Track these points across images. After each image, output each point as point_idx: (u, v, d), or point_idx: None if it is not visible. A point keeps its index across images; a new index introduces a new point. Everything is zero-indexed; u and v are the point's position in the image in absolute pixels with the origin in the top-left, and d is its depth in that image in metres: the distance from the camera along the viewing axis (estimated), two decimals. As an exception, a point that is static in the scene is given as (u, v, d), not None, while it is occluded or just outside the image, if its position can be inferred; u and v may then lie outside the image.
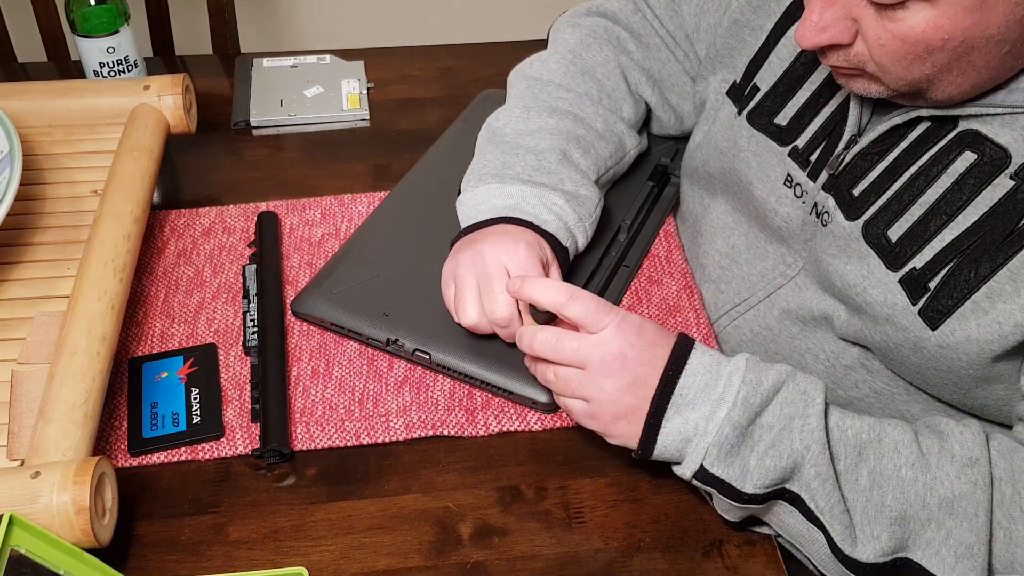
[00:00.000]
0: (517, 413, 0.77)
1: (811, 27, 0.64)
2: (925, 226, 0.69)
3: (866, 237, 0.73)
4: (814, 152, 0.77)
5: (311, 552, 0.69)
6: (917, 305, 0.69)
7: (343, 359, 0.81)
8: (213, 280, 0.87)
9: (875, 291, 0.72)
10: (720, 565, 0.69)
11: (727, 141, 0.84)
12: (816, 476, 0.64)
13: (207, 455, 0.74)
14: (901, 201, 0.71)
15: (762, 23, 0.83)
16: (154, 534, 0.70)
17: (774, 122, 0.80)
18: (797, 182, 0.78)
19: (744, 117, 0.82)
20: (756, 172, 0.81)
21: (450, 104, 1.06)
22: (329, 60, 1.14)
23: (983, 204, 0.67)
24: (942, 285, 0.68)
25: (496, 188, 0.80)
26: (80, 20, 0.99)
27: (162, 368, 0.79)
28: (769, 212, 0.81)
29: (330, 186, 0.97)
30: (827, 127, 0.77)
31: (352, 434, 0.76)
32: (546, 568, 0.68)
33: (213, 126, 1.04)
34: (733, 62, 0.85)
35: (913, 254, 0.70)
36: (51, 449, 0.65)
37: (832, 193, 0.75)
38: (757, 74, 0.82)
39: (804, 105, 0.78)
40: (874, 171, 0.73)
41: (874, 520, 0.64)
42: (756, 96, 0.82)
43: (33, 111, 0.92)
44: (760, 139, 0.81)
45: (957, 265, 0.68)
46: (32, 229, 0.83)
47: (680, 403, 0.66)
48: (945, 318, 0.68)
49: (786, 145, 0.79)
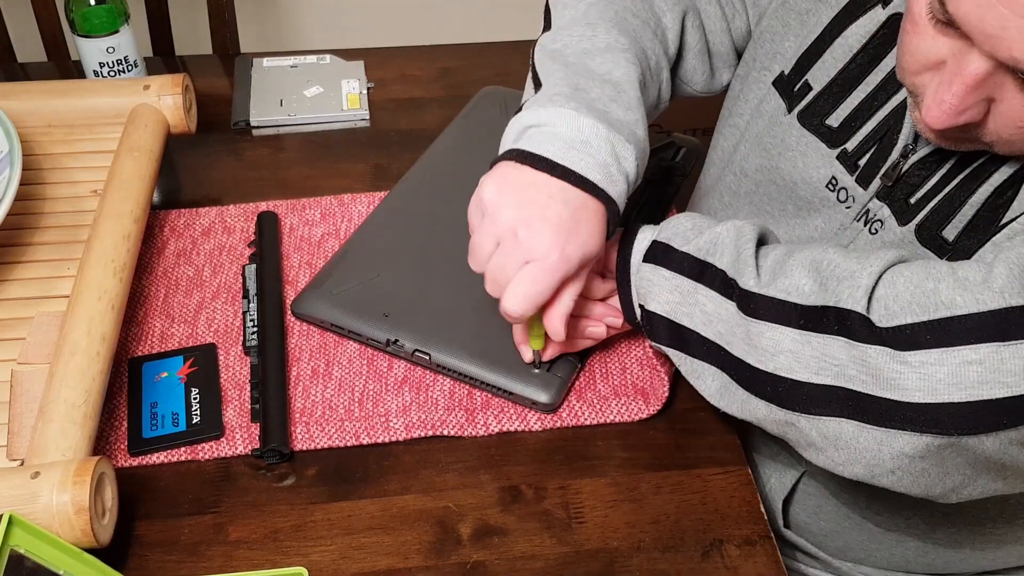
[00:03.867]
0: (517, 413, 0.77)
1: (949, 111, 0.60)
2: (982, 221, 0.68)
3: (920, 239, 0.71)
4: (863, 156, 0.75)
5: (311, 552, 0.69)
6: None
7: (343, 359, 0.81)
8: (213, 280, 0.87)
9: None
10: (720, 565, 0.69)
11: (773, 138, 0.81)
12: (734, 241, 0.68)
13: (207, 455, 0.74)
14: (952, 202, 0.69)
15: (809, 8, 0.79)
16: (154, 534, 0.70)
17: (826, 123, 0.77)
18: (843, 186, 0.76)
19: (795, 116, 0.79)
20: (801, 172, 0.79)
21: (450, 104, 1.06)
22: (329, 60, 1.14)
23: None
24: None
25: (570, 115, 0.68)
26: (80, 20, 0.99)
27: (162, 368, 0.79)
28: (810, 213, 0.79)
29: (330, 186, 0.97)
30: (879, 131, 0.74)
31: (352, 434, 0.76)
32: (546, 568, 0.68)
33: (213, 126, 1.04)
34: (775, 47, 0.82)
35: (975, 250, 0.68)
36: (51, 449, 0.65)
37: (887, 202, 0.73)
38: (809, 71, 0.78)
39: (857, 107, 0.75)
40: (931, 179, 0.71)
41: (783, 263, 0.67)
42: (808, 95, 0.78)
43: (33, 111, 0.92)
44: (810, 139, 0.78)
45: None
46: (32, 229, 0.83)
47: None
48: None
49: (836, 147, 0.77)
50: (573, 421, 0.77)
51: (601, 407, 0.78)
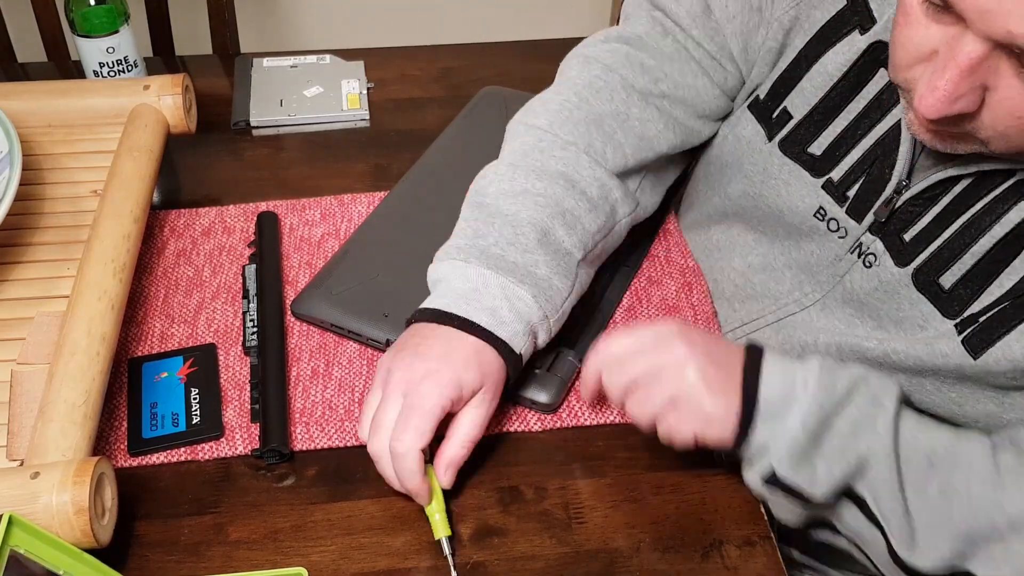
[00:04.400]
0: (517, 414, 0.77)
1: (943, 97, 0.58)
2: (980, 273, 0.68)
3: (916, 284, 0.71)
4: (852, 187, 0.74)
5: (311, 552, 0.69)
6: (961, 336, 0.68)
7: (343, 359, 0.81)
8: (213, 280, 0.87)
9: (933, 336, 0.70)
10: (720, 566, 0.69)
11: (754, 167, 0.80)
12: (879, 479, 0.64)
13: (207, 455, 0.74)
14: (952, 249, 0.69)
15: (779, 18, 0.78)
16: (154, 534, 0.70)
17: (808, 151, 0.76)
18: (832, 216, 0.75)
19: (776, 144, 0.79)
20: (786, 200, 0.78)
21: (450, 104, 1.06)
22: (329, 60, 1.14)
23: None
24: (990, 320, 0.67)
25: (460, 267, 0.72)
26: (80, 20, 0.99)
27: (162, 368, 0.79)
28: (801, 238, 0.78)
29: (330, 186, 0.97)
30: (865, 161, 0.73)
31: (352, 434, 0.76)
32: (546, 568, 0.68)
33: (213, 126, 1.04)
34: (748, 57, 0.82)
35: (969, 301, 0.68)
36: (51, 449, 0.65)
37: (880, 236, 0.73)
38: (787, 98, 0.78)
39: (840, 135, 0.75)
40: (926, 217, 0.70)
41: (937, 532, 0.64)
42: (789, 123, 0.78)
43: (33, 111, 0.92)
44: (792, 168, 0.77)
45: (1011, 304, 0.66)
46: (32, 229, 0.83)
47: (765, 415, 0.65)
48: (989, 346, 0.67)
49: (820, 176, 0.76)
50: (573, 421, 0.77)
51: (601, 407, 0.78)
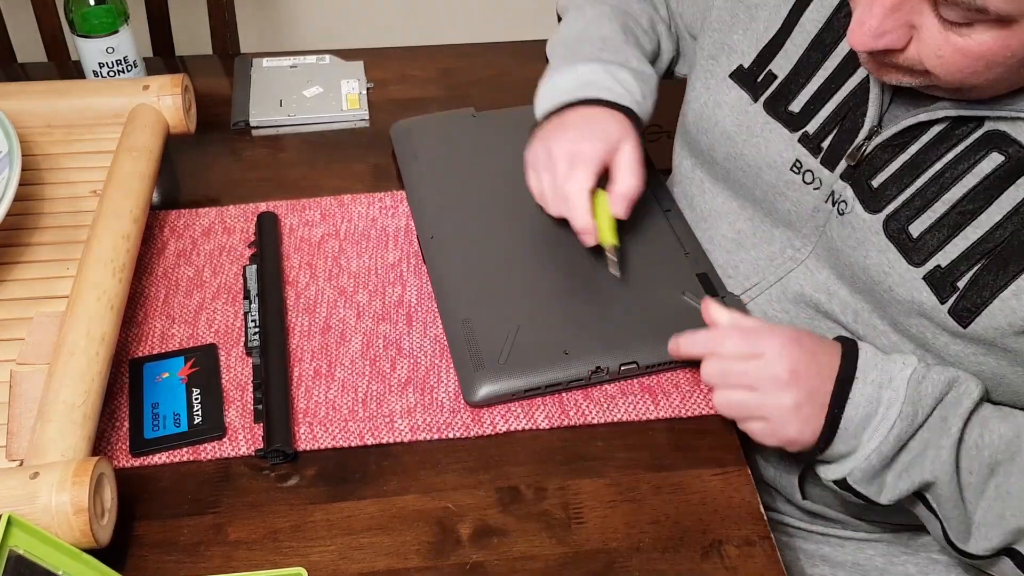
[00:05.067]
0: (524, 411, 0.77)
1: (868, 32, 0.62)
2: (948, 223, 0.70)
3: (887, 231, 0.73)
4: (825, 139, 0.77)
5: (310, 552, 0.69)
6: (946, 305, 0.70)
7: (345, 360, 0.81)
8: (213, 281, 0.87)
9: (900, 289, 0.72)
10: (719, 565, 0.69)
11: (737, 126, 0.83)
12: (942, 495, 0.70)
13: (209, 455, 0.74)
14: (924, 197, 0.71)
15: (758, 2, 0.82)
16: (153, 534, 0.70)
17: (788, 109, 0.80)
18: (807, 168, 0.78)
19: (761, 104, 0.81)
20: (764, 157, 0.81)
21: (450, 104, 1.06)
22: (328, 60, 1.14)
23: (1007, 202, 0.67)
24: (970, 284, 0.69)
25: (567, 71, 0.85)
26: (79, 20, 0.99)
27: (163, 369, 0.79)
28: (777, 196, 0.81)
29: (330, 186, 0.97)
30: (839, 113, 0.76)
31: (356, 435, 0.76)
32: (545, 568, 0.68)
33: (212, 126, 1.04)
34: (723, 38, 0.85)
35: (935, 251, 0.70)
36: (50, 449, 0.65)
37: (851, 183, 0.75)
38: (772, 61, 0.81)
39: (817, 91, 0.78)
40: (894, 163, 0.73)
41: (991, 527, 0.70)
42: (774, 83, 0.81)
43: (32, 111, 0.92)
44: (774, 125, 0.80)
45: (984, 265, 0.68)
46: (31, 229, 0.83)
47: (844, 435, 0.71)
48: (975, 316, 0.69)
49: (796, 131, 0.79)
50: (580, 420, 0.77)
51: (609, 406, 0.78)
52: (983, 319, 0.69)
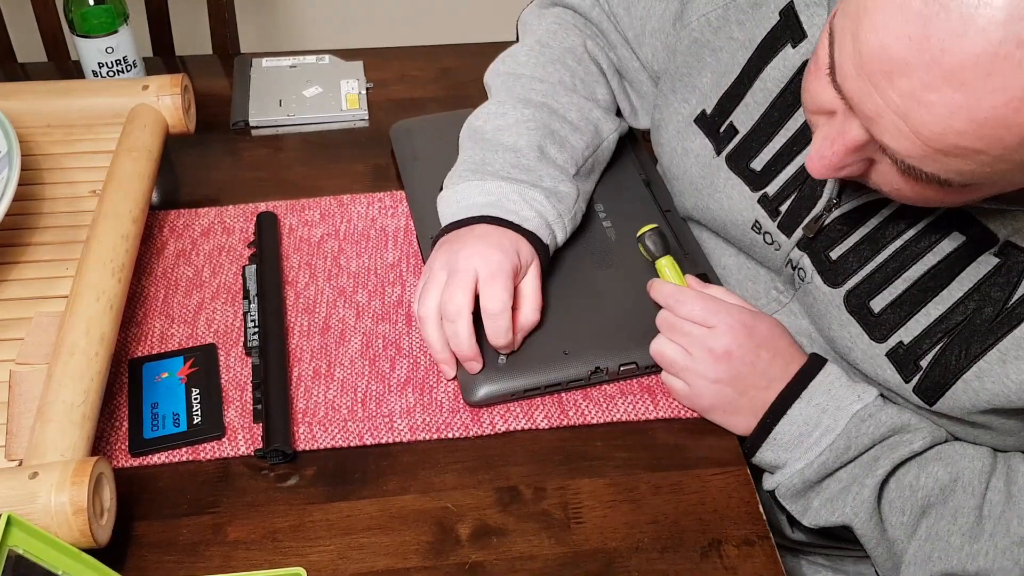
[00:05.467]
0: (524, 411, 0.77)
1: (827, 166, 0.62)
2: (909, 299, 0.70)
3: (847, 306, 0.73)
4: (784, 202, 0.77)
5: (309, 552, 0.69)
6: (911, 383, 0.71)
7: (345, 360, 0.81)
8: (212, 281, 0.87)
9: (865, 364, 0.73)
10: (719, 565, 0.69)
11: (703, 179, 0.83)
12: (863, 535, 0.72)
13: (208, 455, 0.74)
14: (885, 273, 0.71)
15: (722, 45, 0.81)
16: (152, 534, 0.70)
17: (750, 166, 0.79)
18: (766, 230, 0.78)
19: (723, 159, 0.81)
20: (728, 213, 0.81)
21: (450, 104, 1.06)
22: (328, 60, 1.14)
23: (968, 280, 0.67)
24: (933, 363, 0.69)
25: (477, 185, 0.81)
26: (79, 20, 0.99)
27: (162, 368, 0.79)
28: (747, 249, 0.82)
29: (329, 186, 0.97)
30: (798, 177, 0.76)
31: (355, 435, 0.76)
32: (544, 568, 0.68)
33: (212, 126, 1.04)
34: (692, 81, 0.83)
35: (897, 326, 0.70)
36: (49, 449, 0.65)
37: (807, 253, 0.75)
38: (733, 113, 0.80)
39: (778, 152, 0.77)
40: (853, 236, 0.73)
41: (919, 567, 0.71)
42: (736, 138, 0.80)
43: (32, 111, 0.92)
44: (735, 182, 0.80)
45: (947, 344, 0.68)
46: (31, 229, 0.83)
47: (773, 445, 0.74)
48: (939, 396, 0.70)
49: (757, 191, 0.79)
50: (580, 420, 0.77)
51: (608, 406, 0.78)
52: (947, 399, 0.69)
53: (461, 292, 0.74)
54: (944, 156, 0.54)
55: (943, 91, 0.51)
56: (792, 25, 0.76)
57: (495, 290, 0.74)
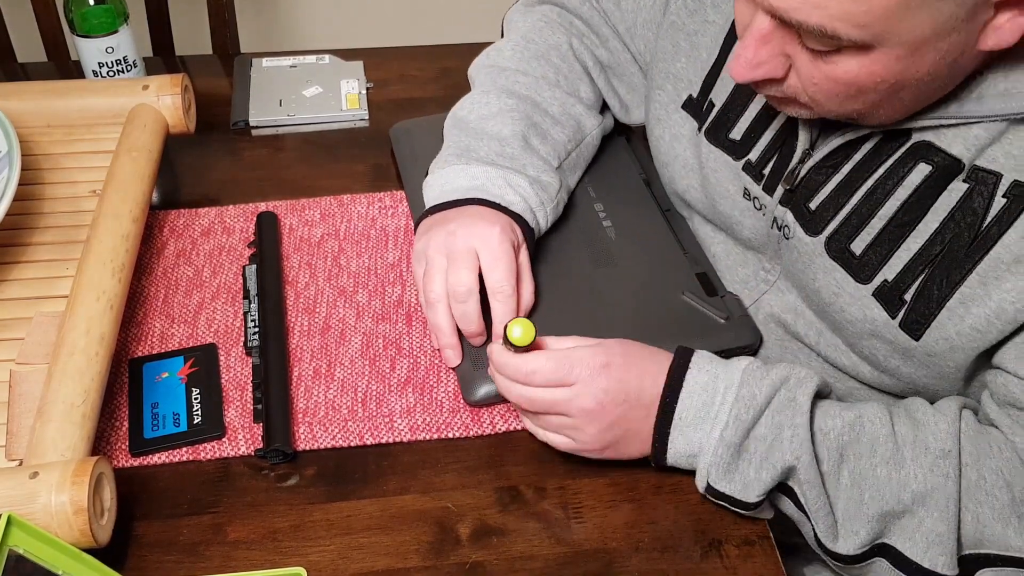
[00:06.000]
0: (515, 412, 0.77)
1: (744, 63, 0.65)
2: (887, 238, 0.70)
3: (829, 252, 0.73)
4: (766, 165, 0.78)
5: (310, 552, 0.69)
6: (897, 318, 0.70)
7: (345, 360, 0.81)
8: (213, 280, 0.87)
9: (852, 308, 0.73)
10: (719, 565, 0.69)
11: (694, 158, 0.84)
12: (806, 480, 0.68)
13: (208, 455, 0.74)
14: (860, 215, 0.71)
15: (697, 29, 0.83)
16: (153, 534, 0.70)
17: (729, 137, 0.81)
18: (755, 195, 0.79)
19: (703, 134, 0.83)
20: (716, 187, 0.82)
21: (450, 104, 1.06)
22: (328, 60, 1.14)
23: (941, 210, 0.68)
24: (917, 295, 0.69)
25: (462, 169, 0.82)
26: (79, 20, 0.99)
27: (162, 368, 0.79)
28: (736, 225, 0.82)
29: (329, 186, 0.97)
30: (777, 140, 0.77)
31: (356, 435, 0.76)
32: (545, 568, 0.68)
33: (212, 126, 1.04)
34: (667, 67, 0.85)
35: (880, 265, 0.71)
36: (49, 449, 0.65)
37: (790, 207, 0.76)
38: (712, 90, 0.82)
39: (755, 119, 0.79)
40: (829, 184, 0.73)
41: (853, 518, 0.68)
42: (713, 112, 0.82)
43: (32, 111, 0.92)
44: (718, 154, 0.81)
45: (929, 275, 0.69)
46: (31, 229, 0.83)
47: (681, 425, 0.70)
48: (925, 327, 0.69)
49: (740, 159, 0.80)
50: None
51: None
52: (933, 331, 0.69)
53: (467, 272, 0.75)
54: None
55: None
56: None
57: (501, 272, 0.76)
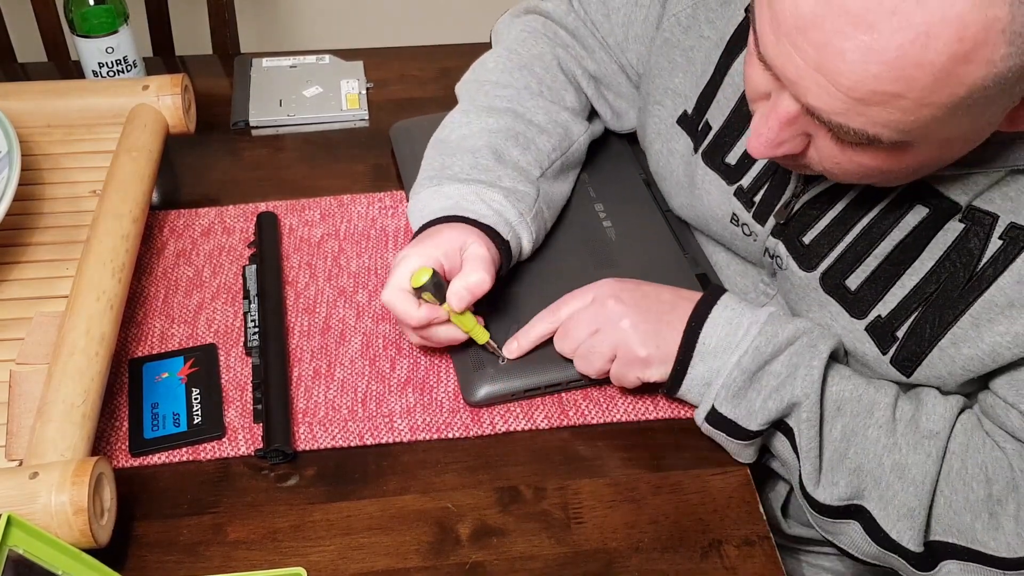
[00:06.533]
0: (524, 411, 0.77)
1: (766, 143, 0.63)
2: (882, 275, 0.71)
3: (824, 287, 0.74)
4: (758, 192, 0.77)
5: (310, 552, 0.69)
6: (888, 355, 0.71)
7: (345, 360, 0.81)
8: (213, 281, 0.87)
9: (845, 340, 0.73)
10: (719, 565, 0.69)
11: (687, 177, 0.84)
12: (807, 420, 0.69)
13: (209, 455, 0.74)
14: (855, 252, 0.72)
15: (692, 44, 0.82)
16: (153, 534, 0.70)
17: (725, 160, 0.80)
18: (744, 222, 0.79)
19: (700, 156, 0.82)
20: (708, 208, 0.82)
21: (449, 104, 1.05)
22: (328, 60, 1.14)
23: (937, 248, 0.68)
24: (909, 334, 0.70)
25: (435, 191, 0.81)
26: (79, 20, 0.99)
27: (162, 368, 0.79)
28: (729, 244, 0.83)
29: (329, 186, 0.97)
30: (770, 168, 0.77)
31: (356, 435, 0.76)
32: (545, 568, 0.68)
33: (212, 126, 1.04)
34: (665, 83, 0.84)
35: (874, 302, 0.71)
36: (49, 449, 0.65)
37: (782, 239, 0.76)
38: (708, 111, 0.81)
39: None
40: (823, 220, 0.73)
41: (835, 469, 0.70)
42: (709, 134, 0.81)
43: (32, 111, 0.92)
44: (712, 177, 0.81)
45: (922, 314, 0.69)
46: (31, 229, 0.83)
47: (703, 351, 0.72)
48: (916, 366, 0.70)
49: (732, 184, 0.79)
50: (580, 420, 0.77)
51: (608, 406, 0.78)
52: (924, 369, 0.70)
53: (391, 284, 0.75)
54: (866, 106, 0.55)
55: (853, 36, 0.53)
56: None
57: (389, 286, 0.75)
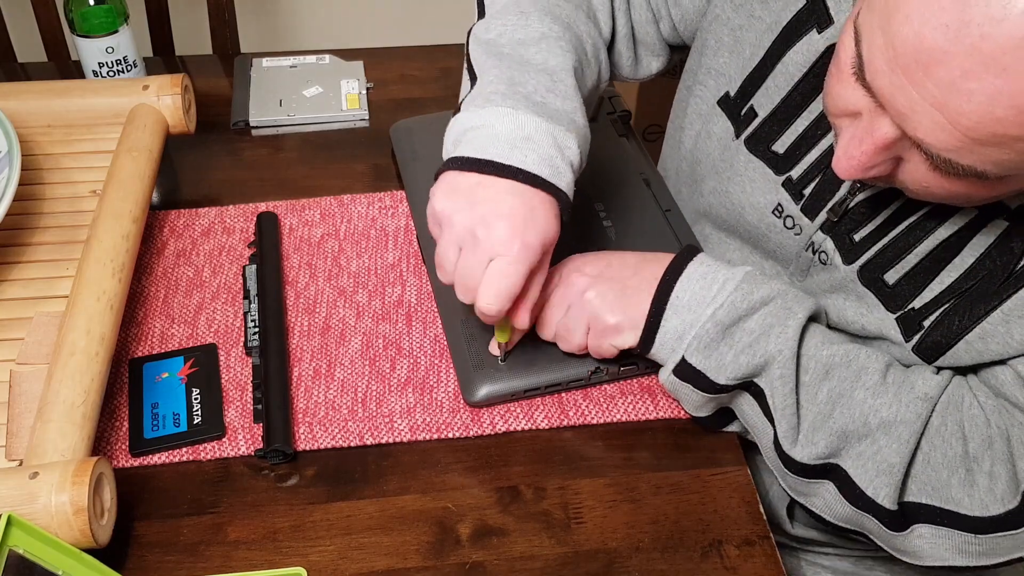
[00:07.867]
0: (524, 411, 0.77)
1: (858, 166, 0.61)
2: (922, 271, 0.70)
3: (862, 279, 0.73)
4: (808, 185, 0.76)
5: (310, 552, 0.69)
6: (911, 343, 0.71)
7: (345, 360, 0.81)
8: (213, 280, 0.87)
9: (872, 327, 0.73)
10: (719, 565, 0.69)
11: (724, 162, 0.82)
12: (780, 378, 0.69)
13: (209, 455, 0.74)
14: (897, 248, 0.71)
15: (742, 24, 0.79)
16: (153, 534, 0.70)
17: (772, 149, 0.77)
18: (788, 214, 0.77)
19: (743, 142, 0.80)
20: (748, 197, 0.80)
21: (450, 104, 1.05)
22: (328, 60, 1.14)
23: (979, 246, 0.67)
24: (936, 324, 0.69)
25: (508, 113, 0.68)
26: (79, 20, 0.99)
27: (162, 368, 0.79)
28: (761, 238, 0.81)
29: (329, 186, 0.97)
30: (823, 160, 0.75)
31: (356, 435, 0.76)
32: (545, 568, 0.68)
33: (212, 126, 1.04)
34: (710, 62, 0.82)
35: (911, 297, 0.70)
36: (49, 449, 0.65)
37: (831, 236, 0.75)
38: (754, 96, 0.79)
39: (801, 135, 0.76)
40: (877, 218, 0.72)
41: (817, 429, 0.69)
42: (755, 121, 0.79)
43: (32, 111, 0.92)
44: (757, 165, 0.78)
45: (952, 306, 0.68)
46: (31, 229, 0.83)
47: (677, 304, 0.71)
48: (940, 355, 0.70)
49: (781, 174, 0.77)
50: (580, 420, 0.77)
51: (608, 406, 0.78)
52: (948, 359, 0.69)
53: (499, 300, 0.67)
54: (981, 146, 0.53)
55: (984, 78, 0.50)
56: (818, 10, 0.74)
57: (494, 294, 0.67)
